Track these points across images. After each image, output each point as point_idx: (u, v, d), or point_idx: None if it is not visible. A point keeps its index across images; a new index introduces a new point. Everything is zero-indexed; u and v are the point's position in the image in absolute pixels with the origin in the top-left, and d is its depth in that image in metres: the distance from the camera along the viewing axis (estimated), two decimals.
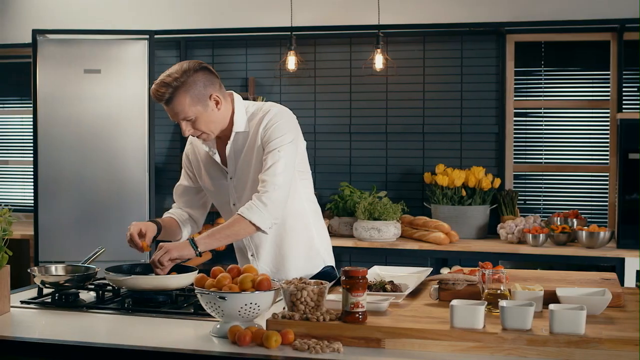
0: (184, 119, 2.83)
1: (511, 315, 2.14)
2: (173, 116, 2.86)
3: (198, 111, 2.83)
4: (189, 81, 2.79)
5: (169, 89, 2.78)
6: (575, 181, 5.58)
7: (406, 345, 2.16)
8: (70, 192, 5.60)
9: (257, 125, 2.94)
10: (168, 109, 2.85)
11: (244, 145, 2.98)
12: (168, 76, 2.79)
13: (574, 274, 2.89)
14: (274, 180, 2.83)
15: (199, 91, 2.82)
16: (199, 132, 2.89)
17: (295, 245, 3.06)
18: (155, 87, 2.81)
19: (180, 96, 2.79)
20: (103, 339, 2.34)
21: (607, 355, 2.05)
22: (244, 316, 2.26)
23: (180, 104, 2.80)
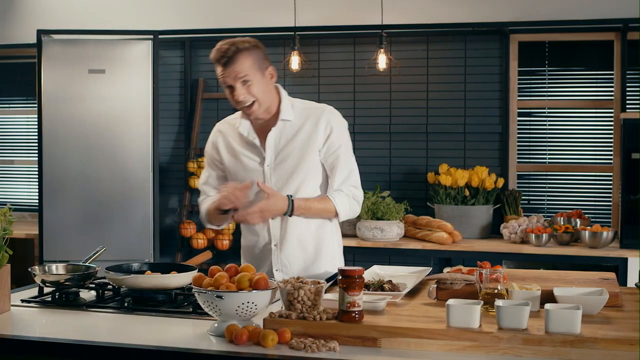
0: (242, 79, 2.91)
1: (507, 315, 2.14)
2: (231, 76, 2.90)
3: (257, 76, 2.94)
4: (252, 48, 2.94)
5: (233, 47, 2.90)
6: (579, 181, 5.58)
7: (402, 344, 2.17)
8: (74, 191, 5.63)
9: (312, 120, 3.04)
10: (227, 70, 2.90)
11: (291, 135, 3.05)
12: (233, 39, 2.93)
13: (573, 274, 2.90)
14: (357, 184, 3.10)
15: (260, 60, 2.96)
16: (252, 100, 2.95)
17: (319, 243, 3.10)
18: (220, 45, 2.92)
19: (243, 56, 2.90)
20: (103, 337, 2.35)
21: (603, 355, 2.06)
22: (241, 315, 2.27)
23: (243, 63, 2.89)
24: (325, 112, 3.07)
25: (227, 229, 5.77)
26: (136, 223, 5.62)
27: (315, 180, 3.08)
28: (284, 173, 3.04)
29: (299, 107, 3.09)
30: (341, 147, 3.06)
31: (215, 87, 6.08)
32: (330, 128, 3.04)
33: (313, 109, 3.09)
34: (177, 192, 6.14)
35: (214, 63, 2.97)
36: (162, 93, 6.03)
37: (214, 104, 6.08)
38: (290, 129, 3.05)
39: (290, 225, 3.06)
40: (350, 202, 3.05)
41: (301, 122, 3.05)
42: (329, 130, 3.03)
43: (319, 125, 3.03)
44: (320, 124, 3.03)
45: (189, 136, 6.05)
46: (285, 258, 3.08)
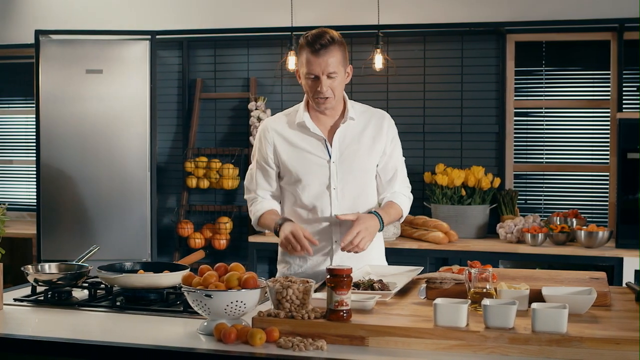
0: (331, 72, 2.94)
1: (493, 314, 2.16)
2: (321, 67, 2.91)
3: (341, 72, 2.99)
4: (342, 43, 2.99)
5: (328, 37, 2.93)
6: (576, 181, 5.58)
7: (389, 343, 2.18)
8: (72, 191, 5.64)
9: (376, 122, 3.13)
10: (318, 59, 2.91)
11: (354, 133, 3.10)
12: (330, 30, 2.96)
13: (563, 273, 2.90)
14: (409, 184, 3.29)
15: (346, 57, 3.02)
16: (330, 93, 2.98)
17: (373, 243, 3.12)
18: (319, 31, 2.94)
19: (337, 50, 2.95)
20: (94, 336, 2.37)
21: (588, 354, 2.07)
22: (230, 314, 2.29)
23: (335, 56, 2.93)
24: (386, 118, 3.17)
25: (224, 228, 5.78)
26: (134, 223, 5.64)
27: (373, 181, 3.17)
28: (348, 170, 3.07)
29: (358, 108, 3.16)
30: (396, 151, 3.19)
31: (213, 87, 6.10)
32: (393, 135, 3.16)
33: (373, 112, 3.17)
34: (175, 192, 6.15)
35: (302, 46, 2.94)
36: (160, 93, 6.05)
37: (211, 104, 6.09)
38: (353, 129, 3.10)
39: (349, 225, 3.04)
40: (410, 204, 3.27)
41: (364, 123, 3.12)
42: (392, 137, 3.15)
43: (382, 130, 3.12)
44: (383, 129, 3.12)
45: (187, 136, 6.07)
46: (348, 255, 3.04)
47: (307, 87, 2.99)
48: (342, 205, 3.07)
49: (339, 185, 3.06)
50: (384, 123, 3.14)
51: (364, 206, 3.11)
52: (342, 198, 3.07)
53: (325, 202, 3.07)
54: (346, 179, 3.07)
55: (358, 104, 3.20)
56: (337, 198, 3.05)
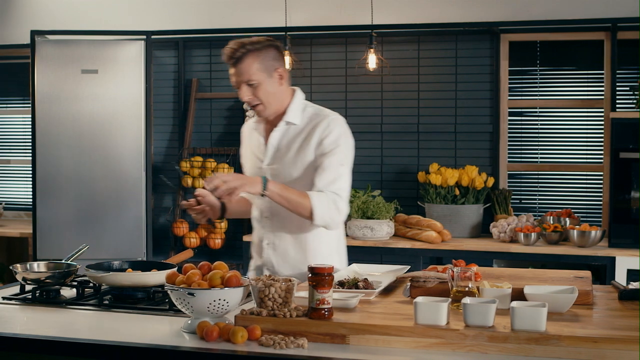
0: (247, 81, 2.95)
1: (473, 312, 2.17)
2: (237, 78, 2.96)
3: (262, 78, 2.96)
4: (262, 49, 2.96)
5: (242, 49, 2.93)
6: (570, 180, 5.60)
7: (370, 341, 2.20)
8: (68, 190, 5.67)
9: (313, 126, 3.03)
10: (234, 71, 2.96)
11: (293, 138, 3.06)
12: (244, 40, 2.97)
13: (548, 272, 2.92)
14: (342, 193, 2.98)
15: (268, 62, 2.97)
16: (257, 101, 2.99)
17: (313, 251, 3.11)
18: (230, 45, 2.97)
19: (250, 58, 2.93)
20: (81, 334, 2.39)
21: (566, 352, 2.08)
22: (213, 312, 2.31)
23: (249, 65, 2.93)
24: (328, 118, 3.04)
25: (219, 228, 5.81)
26: (129, 222, 5.66)
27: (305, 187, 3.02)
28: (278, 175, 3.07)
29: (309, 111, 3.09)
30: (333, 151, 2.99)
31: (208, 87, 6.12)
32: (328, 132, 3.00)
33: (320, 115, 3.06)
34: (170, 192, 6.17)
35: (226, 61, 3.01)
36: (156, 93, 6.07)
37: (207, 103, 6.11)
38: (293, 132, 3.07)
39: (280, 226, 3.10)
40: (329, 206, 2.93)
41: (302, 127, 3.05)
42: (326, 134, 3.00)
43: (316, 130, 3.02)
44: (318, 128, 3.02)
45: (182, 136, 6.09)
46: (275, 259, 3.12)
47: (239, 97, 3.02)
48: (272, 208, 3.09)
49: None
50: (323, 122, 3.02)
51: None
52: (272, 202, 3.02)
53: (258, 203, 3.15)
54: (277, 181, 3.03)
55: (314, 108, 3.10)
56: (267, 200, 3.02)
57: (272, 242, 3.14)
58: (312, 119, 3.05)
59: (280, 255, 3.13)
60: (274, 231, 3.13)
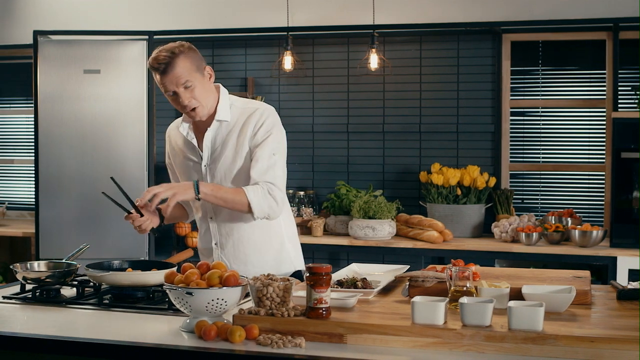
0: (184, 84, 2.92)
1: (470, 312, 2.18)
2: (174, 83, 2.91)
3: (197, 78, 2.95)
4: (188, 51, 2.96)
5: (169, 54, 2.91)
6: (572, 180, 5.59)
7: (367, 340, 2.20)
8: (70, 190, 5.68)
9: (245, 120, 3.03)
10: (168, 78, 2.91)
11: (225, 134, 3.06)
12: (167, 46, 2.95)
13: (547, 272, 2.92)
14: (276, 181, 2.98)
15: (197, 61, 2.98)
16: (196, 104, 2.96)
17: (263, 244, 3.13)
18: (157, 53, 2.93)
19: (181, 61, 2.91)
20: (80, 333, 2.40)
21: (563, 352, 2.08)
22: (211, 311, 2.31)
23: (182, 67, 2.91)
24: (259, 110, 3.06)
25: None
26: None
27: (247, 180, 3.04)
28: (219, 172, 3.08)
29: (238, 106, 3.09)
30: (265, 141, 3.01)
31: None
32: (261, 124, 3.02)
33: (250, 108, 3.08)
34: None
35: (152, 71, 2.98)
36: (158, 93, 6.06)
37: None
38: (225, 129, 3.07)
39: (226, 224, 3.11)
40: (266, 197, 2.94)
41: (236, 121, 3.06)
42: (259, 126, 3.02)
43: (249, 122, 3.03)
44: (251, 121, 3.03)
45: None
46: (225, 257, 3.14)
47: (174, 104, 3.01)
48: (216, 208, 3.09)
49: None
50: (254, 115, 3.03)
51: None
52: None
53: (200, 204, 3.14)
54: (216, 180, 3.06)
55: (241, 101, 3.12)
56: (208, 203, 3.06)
57: (220, 243, 3.14)
58: (243, 113, 3.06)
59: (231, 254, 3.13)
60: (220, 231, 3.13)
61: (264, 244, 3.14)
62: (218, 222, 3.13)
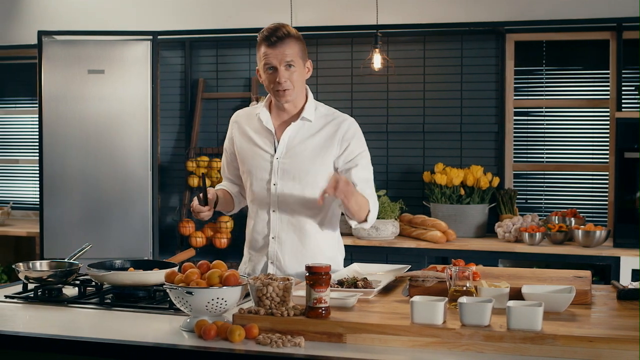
0: (289, 62, 2.96)
1: (469, 312, 2.18)
2: (279, 57, 2.94)
3: (300, 64, 3.00)
4: (300, 38, 3.02)
5: (285, 30, 2.97)
6: (576, 180, 5.59)
7: (367, 340, 2.21)
8: (75, 190, 5.70)
9: (333, 127, 3.07)
10: (275, 50, 2.95)
11: (307, 135, 3.08)
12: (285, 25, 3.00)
13: (547, 272, 2.92)
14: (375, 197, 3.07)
15: (304, 51, 3.04)
16: (290, 86, 2.98)
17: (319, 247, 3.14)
18: (274, 26, 2.98)
19: (294, 42, 2.98)
20: (82, 333, 2.40)
21: (562, 351, 2.09)
22: (211, 311, 2.32)
23: (293, 48, 2.97)
24: (346, 121, 3.11)
25: (225, 227, 5.83)
26: (135, 221, 5.69)
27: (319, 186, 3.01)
28: (290, 169, 3.07)
29: (322, 111, 3.13)
30: (362, 154, 3.09)
31: (215, 87, 6.14)
32: (350, 136, 3.07)
33: (336, 116, 3.12)
34: (177, 191, 6.20)
35: (259, 42, 2.99)
36: (162, 93, 6.10)
37: (213, 103, 6.13)
38: (308, 129, 3.08)
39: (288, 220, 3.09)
40: (376, 208, 3.06)
41: (321, 125, 3.08)
42: (349, 138, 3.06)
43: (337, 133, 3.06)
44: (339, 131, 3.06)
45: (189, 135, 6.11)
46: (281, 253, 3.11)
47: (267, 81, 3.01)
48: (281, 202, 3.08)
49: (279, 182, 3.07)
50: (342, 125, 3.08)
51: (304, 208, 3.08)
52: (281, 195, 3.07)
53: (264, 196, 3.10)
54: (286, 177, 3.06)
55: (325, 107, 3.16)
56: (276, 194, 3.07)
57: (279, 236, 3.11)
58: (328, 119, 3.09)
59: (287, 249, 3.11)
60: (281, 225, 3.11)
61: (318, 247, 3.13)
62: (280, 214, 3.10)
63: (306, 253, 3.10)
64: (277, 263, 3.12)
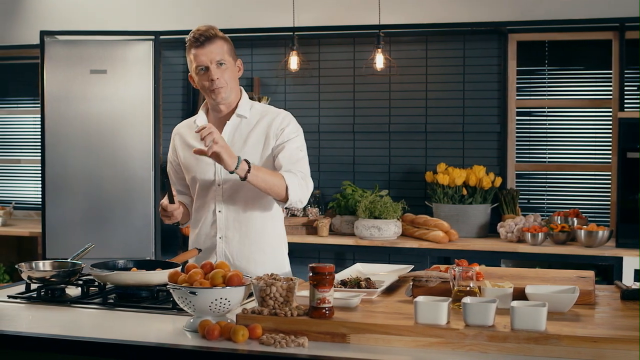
0: (219, 62, 3.00)
1: (473, 312, 2.18)
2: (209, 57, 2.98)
3: (230, 63, 3.04)
4: (226, 38, 3.06)
5: (212, 30, 3.01)
6: (578, 180, 5.58)
7: (370, 340, 2.20)
8: (77, 190, 5.70)
9: (269, 121, 3.09)
10: (204, 51, 2.98)
11: (246, 132, 3.10)
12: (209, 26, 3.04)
13: (551, 272, 2.92)
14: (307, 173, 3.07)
15: (232, 50, 3.09)
16: (224, 84, 3.01)
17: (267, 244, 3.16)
18: (203, 26, 3.02)
19: (220, 41, 3.03)
20: (84, 333, 2.40)
21: (566, 352, 2.08)
22: (214, 311, 2.32)
23: (221, 47, 3.01)
24: (281, 114, 3.14)
25: None
26: (138, 221, 5.69)
27: None
28: None
29: (257, 108, 3.16)
30: (293, 139, 3.09)
31: None
32: (285, 125, 3.10)
33: (271, 112, 3.15)
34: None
35: (188, 47, 3.02)
36: (165, 93, 6.10)
37: None
38: (245, 127, 3.11)
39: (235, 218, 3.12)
40: (301, 184, 3.00)
41: (256, 120, 3.12)
42: (284, 126, 3.10)
43: (273, 125, 3.09)
44: (274, 123, 3.10)
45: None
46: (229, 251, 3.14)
47: (201, 82, 3.03)
48: (227, 202, 3.11)
49: (224, 182, 3.09)
50: (275, 120, 3.10)
51: (251, 204, 3.11)
52: (226, 194, 3.10)
53: (210, 198, 3.14)
54: (230, 175, 3.03)
55: (260, 105, 3.19)
56: (221, 194, 3.10)
57: (225, 236, 3.13)
58: (265, 115, 3.12)
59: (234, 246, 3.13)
60: (227, 224, 3.13)
61: (267, 243, 3.17)
62: (226, 214, 3.13)
63: (254, 249, 3.13)
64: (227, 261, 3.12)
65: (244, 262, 3.12)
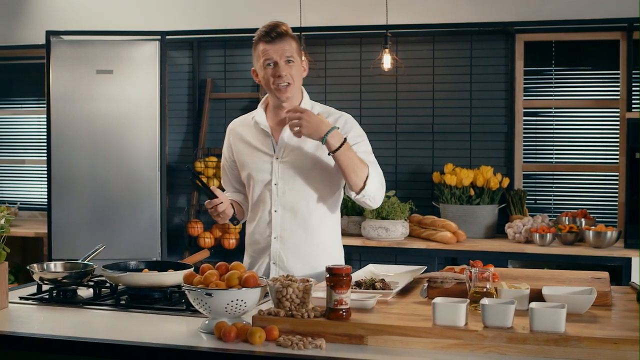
0: (288, 58, 2.98)
1: (492, 313, 2.16)
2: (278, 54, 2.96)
3: (298, 61, 3.02)
4: (297, 40, 3.07)
5: (283, 27, 3.00)
6: (586, 181, 5.57)
7: (388, 342, 2.19)
8: (83, 190, 5.69)
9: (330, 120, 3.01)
10: (274, 46, 2.96)
11: None
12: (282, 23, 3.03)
13: (566, 273, 2.90)
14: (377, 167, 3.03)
15: (301, 51, 3.09)
16: (290, 80, 2.99)
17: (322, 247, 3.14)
18: (274, 22, 3.00)
19: (291, 40, 3.01)
20: (98, 334, 2.39)
21: (586, 353, 2.07)
22: (230, 312, 2.30)
23: (291, 45, 2.99)
24: (343, 117, 3.11)
25: (233, 228, 5.81)
26: (144, 222, 5.68)
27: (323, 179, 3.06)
28: (291, 168, 3.06)
29: (318, 109, 3.12)
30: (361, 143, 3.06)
31: (223, 87, 6.13)
32: (349, 129, 3.06)
33: (332, 113, 3.11)
34: (185, 192, 6.19)
35: (257, 40, 3.00)
36: (170, 93, 6.08)
37: (221, 104, 6.12)
38: None
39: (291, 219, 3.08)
40: (381, 181, 3.01)
41: None
42: (347, 129, 3.05)
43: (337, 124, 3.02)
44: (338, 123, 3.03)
45: (197, 136, 6.10)
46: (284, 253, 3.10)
47: (267, 77, 2.99)
48: (283, 202, 3.08)
49: (280, 181, 3.07)
50: (338, 123, 3.04)
51: (309, 203, 3.08)
52: (282, 194, 3.07)
53: (266, 197, 3.10)
54: (287, 175, 3.05)
55: (320, 105, 3.16)
56: (277, 194, 3.07)
57: (281, 236, 3.10)
58: (326, 115, 3.06)
59: (290, 248, 3.10)
60: (283, 225, 3.10)
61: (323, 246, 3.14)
62: (282, 214, 3.09)
63: (309, 251, 3.10)
64: (280, 263, 3.12)
65: (298, 265, 3.09)
